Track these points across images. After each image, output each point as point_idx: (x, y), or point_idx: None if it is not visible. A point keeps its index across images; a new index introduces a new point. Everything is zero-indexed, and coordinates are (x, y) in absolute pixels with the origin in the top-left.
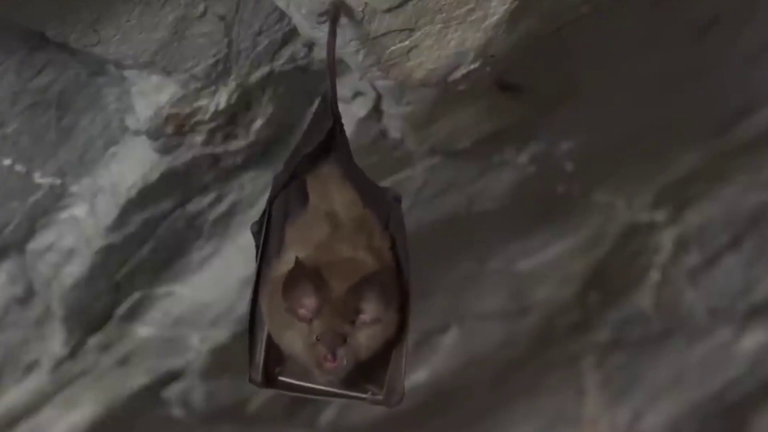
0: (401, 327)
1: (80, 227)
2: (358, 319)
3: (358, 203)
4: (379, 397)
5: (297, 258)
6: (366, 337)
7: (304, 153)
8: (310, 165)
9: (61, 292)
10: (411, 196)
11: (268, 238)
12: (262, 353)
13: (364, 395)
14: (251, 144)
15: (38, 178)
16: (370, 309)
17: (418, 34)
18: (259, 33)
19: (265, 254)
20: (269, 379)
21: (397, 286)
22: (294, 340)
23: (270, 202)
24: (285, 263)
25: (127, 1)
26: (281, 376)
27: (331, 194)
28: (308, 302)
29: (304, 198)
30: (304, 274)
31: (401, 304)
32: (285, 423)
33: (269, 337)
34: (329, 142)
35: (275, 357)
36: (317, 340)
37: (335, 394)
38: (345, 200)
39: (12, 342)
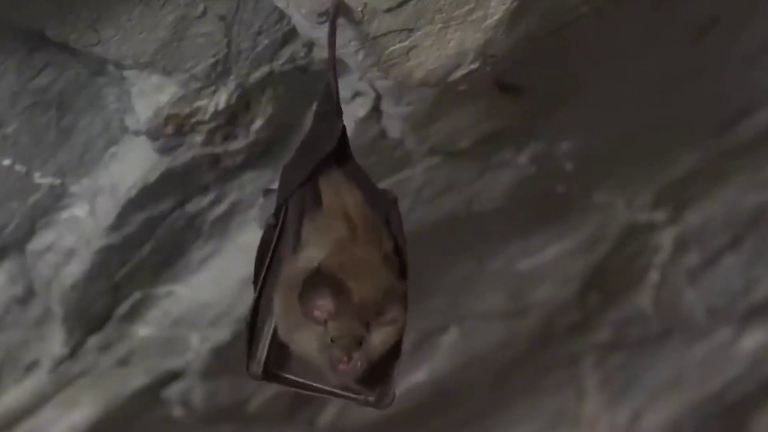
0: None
1: (80, 227)
2: (375, 320)
3: (365, 204)
4: (371, 399)
5: (319, 264)
6: (380, 339)
7: (320, 155)
8: (324, 166)
9: (61, 292)
10: (411, 196)
11: (282, 235)
12: (266, 348)
13: (356, 396)
14: (251, 144)
15: (38, 178)
16: (391, 309)
17: (418, 34)
18: (259, 33)
19: (277, 251)
20: (268, 374)
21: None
22: (308, 342)
23: (286, 199)
24: (302, 261)
25: (127, 1)
26: (280, 371)
27: (342, 195)
28: (324, 304)
29: (317, 197)
30: (323, 278)
31: (404, 306)
32: (285, 423)
33: (275, 333)
34: (343, 144)
35: (276, 353)
36: (332, 342)
37: (329, 392)
38: (355, 201)
39: (12, 342)
